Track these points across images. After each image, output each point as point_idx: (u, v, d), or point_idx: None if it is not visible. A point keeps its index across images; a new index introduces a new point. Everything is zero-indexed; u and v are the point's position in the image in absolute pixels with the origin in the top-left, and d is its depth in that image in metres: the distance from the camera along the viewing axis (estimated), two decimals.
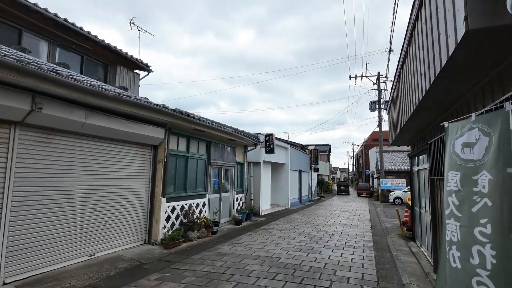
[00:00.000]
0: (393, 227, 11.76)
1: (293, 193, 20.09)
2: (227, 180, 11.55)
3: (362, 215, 15.57)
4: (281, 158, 18.08)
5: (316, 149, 26.66)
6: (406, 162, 30.75)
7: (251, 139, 12.03)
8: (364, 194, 34.79)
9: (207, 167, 9.83)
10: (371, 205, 22.56)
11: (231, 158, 11.53)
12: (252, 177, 14.59)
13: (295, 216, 14.35)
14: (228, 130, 9.86)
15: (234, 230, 10.15)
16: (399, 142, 9.27)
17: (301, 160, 22.60)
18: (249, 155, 14.50)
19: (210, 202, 10.03)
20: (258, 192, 14.46)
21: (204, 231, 8.66)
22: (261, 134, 14.56)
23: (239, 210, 11.80)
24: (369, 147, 47.46)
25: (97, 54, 10.67)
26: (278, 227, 10.88)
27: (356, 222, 12.92)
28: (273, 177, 19.08)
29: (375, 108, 27.44)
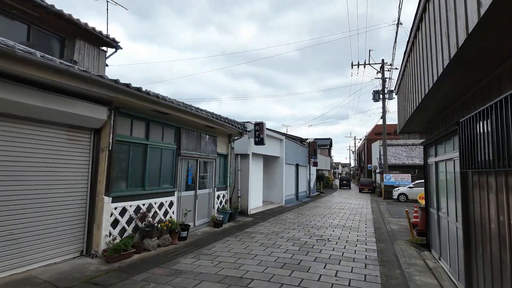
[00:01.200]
0: (400, 229, 10.03)
1: (288, 189, 18.38)
2: (206, 174, 9.84)
3: (364, 214, 13.85)
4: (274, 151, 16.34)
5: (315, 142, 24.90)
6: (411, 156, 28.96)
7: (236, 128, 10.30)
8: (366, 190, 33.08)
9: (176, 159, 8.11)
10: (374, 202, 20.84)
11: (210, 148, 9.80)
12: (239, 171, 12.88)
13: (287, 216, 12.64)
14: (203, 114, 8.12)
15: (210, 234, 8.45)
16: (410, 129, 7.49)
17: (298, 154, 20.86)
18: (236, 147, 12.78)
19: (181, 201, 8.33)
20: (246, 188, 12.75)
21: (167, 237, 6.96)
22: (249, 122, 12.81)
23: (221, 210, 10.11)
24: (371, 141, 45.68)
25: (49, 25, 8.93)
26: (264, 230, 9.18)
27: (357, 223, 11.20)
28: (266, 171, 17.37)
29: (378, 98, 25.56)
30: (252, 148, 12.96)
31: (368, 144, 47.21)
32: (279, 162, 17.19)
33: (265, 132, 12.49)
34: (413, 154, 29.49)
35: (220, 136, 10.47)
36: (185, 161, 8.65)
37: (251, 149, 12.94)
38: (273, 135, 15.83)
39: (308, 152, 24.39)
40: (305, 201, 20.02)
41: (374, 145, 42.12)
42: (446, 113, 5.18)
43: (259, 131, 12.49)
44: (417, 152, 29.86)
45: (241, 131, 10.67)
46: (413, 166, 27.19)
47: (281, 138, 17.13)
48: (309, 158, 24.56)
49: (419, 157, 28.59)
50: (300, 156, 21.59)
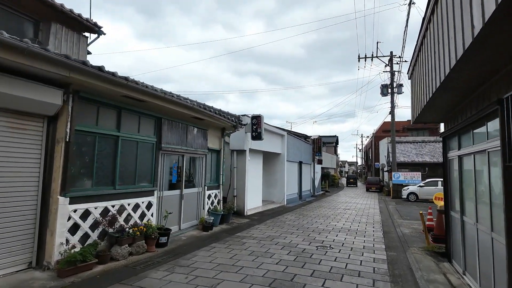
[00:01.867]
0: (412, 234, 8.93)
1: (290, 187, 17.33)
2: (194, 172, 8.86)
3: (371, 215, 12.76)
4: (275, 147, 15.30)
5: (319, 138, 23.79)
6: (421, 154, 27.65)
7: (229, 120, 9.29)
8: (374, 188, 31.85)
9: (157, 154, 7.14)
10: (382, 202, 19.67)
11: (199, 143, 8.81)
12: (235, 168, 11.88)
13: (288, 217, 11.61)
14: (187, 103, 7.12)
15: (196, 239, 7.47)
16: (427, 117, 6.39)
17: (301, 151, 19.78)
18: (232, 142, 11.79)
19: (163, 202, 7.36)
20: (243, 187, 11.75)
21: (141, 244, 6.00)
22: (246, 115, 11.80)
23: (212, 211, 9.12)
24: (379, 138, 44.37)
25: (21, 6, 8.05)
26: (258, 235, 8.17)
27: (363, 225, 10.12)
28: (266, 169, 16.35)
29: (387, 93, 24.33)
30: (249, 143, 11.95)
31: (375, 142, 45.88)
32: (280, 159, 16.15)
33: (263, 126, 11.47)
34: (423, 151, 28.17)
35: (211, 129, 9.47)
36: (168, 156, 7.67)
37: (248, 144, 11.92)
38: (273, 130, 14.79)
39: (312, 149, 23.29)
40: (308, 201, 18.95)
41: (381, 143, 40.79)
42: (479, 92, 4.08)
43: (257, 125, 11.47)
44: (427, 149, 28.54)
45: (235, 124, 9.66)
46: (423, 164, 25.90)
47: (283, 133, 16.07)
48: (313, 156, 23.46)
49: (430, 154, 27.28)
50: (304, 153, 20.52)
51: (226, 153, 12.13)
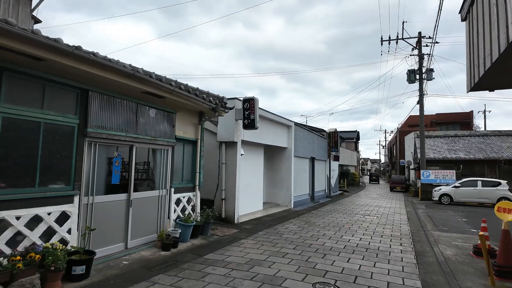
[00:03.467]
0: (458, 257, 6.30)
1: (299, 187, 14.85)
2: (154, 168, 6.62)
3: (397, 224, 10.10)
4: (279, 140, 12.87)
5: (336, 132, 21.06)
6: (454, 149, 24.27)
7: (204, 101, 6.99)
8: (398, 188, 28.73)
9: (80, 142, 4.93)
10: (409, 205, 16.79)
11: (160, 130, 6.56)
12: (224, 164, 9.57)
13: (289, 227, 9.19)
14: (121, 67, 4.86)
15: (140, 266, 5.21)
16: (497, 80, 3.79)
17: (314, 145, 17.21)
18: (221, 132, 9.49)
19: (93, 211, 5.15)
20: (233, 187, 9.42)
21: (31, 282, 3.80)
22: (237, 99, 9.45)
23: (182, 221, 6.84)
24: (404, 133, 40.85)
25: None
26: (235, 259, 5.83)
27: (387, 241, 7.56)
28: (270, 166, 13.96)
29: (414, 79, 21.25)
30: (240, 133, 9.59)
31: (400, 137, 42.34)
32: (286, 155, 13.69)
33: (257, 111, 9.07)
34: (456, 146, 24.77)
35: (182, 113, 7.20)
36: (104, 147, 5.45)
37: (240, 135, 9.57)
38: (277, 120, 12.35)
39: (327, 144, 20.62)
40: (322, 203, 16.38)
41: (407, 138, 37.34)
42: None
43: (249, 110, 9.09)
44: (461, 144, 25.11)
45: (215, 107, 7.32)
46: (456, 161, 22.57)
47: (289, 124, 13.60)
48: (329, 151, 20.78)
49: (464, 150, 23.89)
50: (317, 148, 17.92)
51: (213, 146, 9.86)
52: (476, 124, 42.21)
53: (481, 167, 22.23)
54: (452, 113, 42.30)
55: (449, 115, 42.23)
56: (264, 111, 11.22)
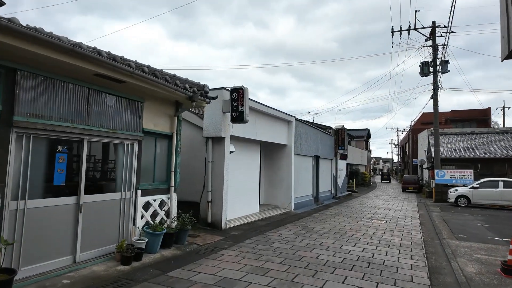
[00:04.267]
0: (482, 275, 5.11)
1: (301, 188, 13.72)
2: (115, 166, 5.63)
3: (408, 230, 8.89)
4: (278, 136, 11.77)
5: (343, 129, 19.80)
6: (471, 148, 22.67)
7: (177, 88, 5.98)
8: (411, 188, 27.22)
9: (3, 133, 3.96)
10: (422, 207, 15.46)
11: (123, 121, 5.57)
12: (211, 163, 8.55)
13: (283, 233, 8.10)
14: (63, 43, 3.88)
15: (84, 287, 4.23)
16: None
17: (318, 143, 16.04)
18: (207, 126, 8.48)
19: (24, 219, 4.18)
20: (220, 189, 8.38)
21: None
22: (224, 88, 8.42)
23: (150, 228, 5.84)
24: (417, 131, 39.17)
25: None
26: (205, 278, 4.79)
27: (395, 252, 6.40)
28: (268, 164, 12.91)
29: (428, 72, 19.80)
30: (229, 128, 8.55)
31: (413, 135, 40.64)
32: (286, 152, 12.58)
33: (246, 103, 8.01)
34: (473, 144, 23.16)
35: (152, 102, 6.19)
36: (42, 140, 4.47)
37: (228, 129, 8.53)
38: (275, 114, 11.26)
39: (334, 141, 19.40)
40: (326, 205, 15.21)
41: (420, 136, 35.70)
42: None
43: (238, 102, 8.03)
44: (479, 142, 23.48)
45: (191, 95, 6.28)
46: (474, 159, 21.02)
47: (289, 119, 12.48)
48: (336, 150, 19.55)
49: (483, 148, 22.27)
50: (322, 146, 16.74)
51: (199, 142, 8.87)
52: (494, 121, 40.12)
53: (501, 166, 20.61)
54: (468, 110, 40.29)
55: (465, 112, 40.22)
56: (260, 104, 10.15)
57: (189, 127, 9.11)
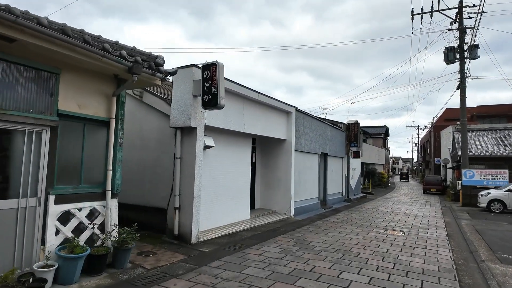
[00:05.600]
0: None
1: (304, 190, 11.86)
2: (8, 162, 3.99)
3: (433, 247, 6.90)
4: (274, 129, 9.96)
5: (356, 123, 17.72)
6: (503, 145, 20.03)
7: (102, 55, 4.32)
8: (433, 190, 24.72)
9: None
10: (448, 213, 13.26)
11: (21, 99, 3.95)
12: (179, 160, 6.85)
13: (266, 252, 6.31)
14: None
15: None
16: None
17: (326, 138, 14.11)
18: (174, 113, 6.79)
19: None
20: (190, 192, 6.65)
21: None
22: (195, 66, 6.70)
23: (68, 248, 4.19)
24: (440, 128, 36.33)
25: None
26: None
27: (416, 285, 4.49)
28: (264, 162, 11.15)
29: (453, 58, 17.43)
30: (202, 116, 6.82)
31: (435, 133, 37.76)
32: (284, 149, 10.75)
33: (221, 82, 6.24)
34: (506, 141, 20.52)
35: (74, 74, 4.54)
36: None
37: (201, 118, 6.80)
38: (269, 103, 9.45)
39: (346, 137, 17.37)
40: (335, 209, 13.27)
41: (443, 133, 32.99)
42: None
43: (210, 81, 6.29)
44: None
45: (130, 66, 4.59)
46: (507, 158, 18.46)
47: (288, 110, 10.64)
48: (348, 147, 17.51)
49: None
50: (331, 142, 14.78)
51: (167, 134, 7.23)
52: None
53: None
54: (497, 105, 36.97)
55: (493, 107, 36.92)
56: (248, 89, 8.37)
57: (157, 116, 7.46)
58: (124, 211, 8.02)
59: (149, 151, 7.61)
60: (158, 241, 6.58)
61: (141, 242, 6.43)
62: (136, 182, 7.82)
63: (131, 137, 8.02)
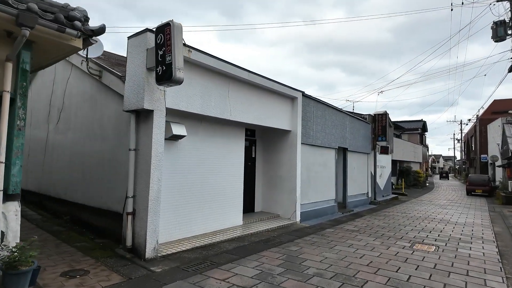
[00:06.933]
0: None
1: (315, 191, 10.06)
2: None
3: (478, 272, 4.90)
4: (274, 117, 8.28)
5: (384, 114, 15.47)
6: None
7: None
8: (479, 191, 21.57)
9: None
10: (497, 219, 10.79)
11: None
12: (134, 152, 5.43)
13: (237, 275, 4.69)
14: None
15: None
16: None
17: (345, 131, 12.16)
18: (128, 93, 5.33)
19: None
20: (145, 192, 5.18)
21: None
22: (149, 30, 5.23)
23: None
24: (486, 122, 32.40)
25: None
26: None
27: None
28: (265, 158, 9.53)
29: (504, 34, 14.59)
30: (159, 94, 5.32)
31: (481, 127, 33.76)
32: (289, 141, 9.03)
33: (177, 48, 4.70)
34: None
35: None
36: None
37: (158, 97, 5.30)
38: (265, 85, 7.79)
39: (372, 130, 15.21)
40: (356, 213, 11.31)
41: (491, 127, 29.28)
42: None
43: (164, 48, 4.78)
44: None
45: (16, 15, 3.21)
46: None
47: (293, 95, 8.90)
48: (374, 141, 15.33)
49: None
50: (352, 135, 12.78)
51: (123, 119, 5.87)
52: None
53: None
54: None
55: None
56: (236, 67, 6.77)
57: (115, 99, 6.10)
58: (84, 215, 6.81)
59: (108, 142, 6.28)
60: (107, 254, 5.21)
61: (84, 256, 5.10)
62: (95, 180, 6.55)
63: (91, 125, 6.76)
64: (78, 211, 7.01)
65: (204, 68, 6.25)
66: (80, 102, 7.24)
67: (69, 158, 7.53)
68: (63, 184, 7.69)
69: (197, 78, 6.09)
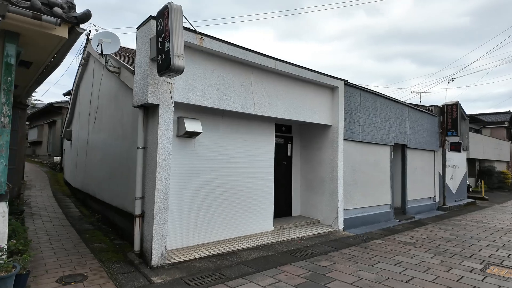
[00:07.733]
0: None
1: (364, 194, 8.80)
2: None
3: None
4: (310, 111, 7.35)
5: (456, 104, 13.20)
6: None
7: None
8: None
9: None
10: None
11: None
12: (142, 150, 5.06)
13: None
14: None
15: None
16: None
17: (403, 125, 10.56)
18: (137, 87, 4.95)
19: None
20: (151, 195, 4.77)
21: None
22: (153, 18, 4.78)
23: None
24: None
25: None
26: None
27: None
28: (304, 156, 8.65)
29: None
30: (165, 87, 4.84)
31: None
32: (329, 138, 7.98)
33: (176, 34, 4.17)
34: None
35: None
36: None
37: (164, 90, 4.82)
38: (298, 74, 6.90)
39: (439, 124, 13.13)
40: (417, 220, 9.70)
41: None
42: None
43: (163, 34, 4.29)
44: None
45: None
46: None
47: (333, 84, 7.83)
48: (443, 137, 13.20)
49: None
50: (412, 129, 11.07)
51: (137, 118, 5.58)
52: None
53: None
54: None
55: None
56: (260, 55, 6.06)
57: (130, 96, 5.83)
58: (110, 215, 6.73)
59: (127, 141, 6.07)
60: (116, 258, 4.93)
61: (93, 258, 4.88)
62: (117, 179, 6.41)
63: (115, 124, 6.65)
64: (106, 210, 7.00)
65: (221, 57, 5.65)
66: (108, 101, 7.23)
67: (100, 157, 7.61)
68: (96, 183, 7.81)
69: (212, 68, 5.51)
